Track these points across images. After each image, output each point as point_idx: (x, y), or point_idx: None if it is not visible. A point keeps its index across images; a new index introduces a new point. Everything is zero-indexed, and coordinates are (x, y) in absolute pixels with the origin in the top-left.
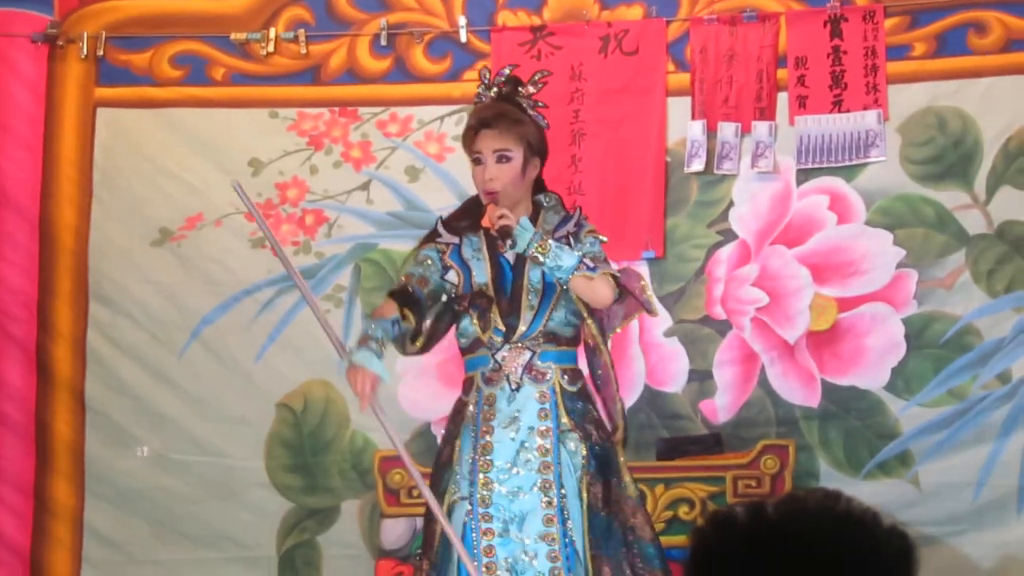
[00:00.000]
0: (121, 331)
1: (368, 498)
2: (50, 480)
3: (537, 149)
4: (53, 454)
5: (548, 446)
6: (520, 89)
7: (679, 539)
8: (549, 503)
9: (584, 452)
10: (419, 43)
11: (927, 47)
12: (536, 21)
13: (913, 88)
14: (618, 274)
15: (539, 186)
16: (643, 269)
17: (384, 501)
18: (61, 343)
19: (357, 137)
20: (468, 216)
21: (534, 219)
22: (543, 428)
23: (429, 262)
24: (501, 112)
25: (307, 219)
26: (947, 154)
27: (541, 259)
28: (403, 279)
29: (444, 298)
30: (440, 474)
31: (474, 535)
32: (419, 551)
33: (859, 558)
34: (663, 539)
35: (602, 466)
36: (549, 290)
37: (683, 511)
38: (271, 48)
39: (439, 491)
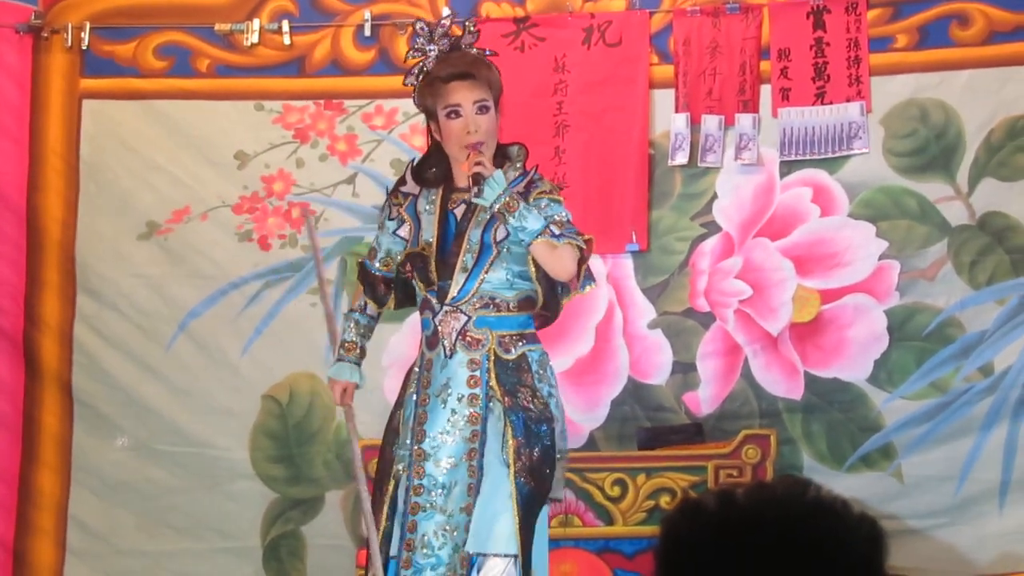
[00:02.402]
0: (108, 323)
1: (352, 489)
2: (35, 471)
3: (498, 98)
4: (39, 445)
5: (478, 413)
6: (460, 40)
7: None
8: (472, 472)
9: (507, 420)
10: (403, 34)
11: (910, 39)
12: (519, 12)
13: (896, 80)
14: (584, 245)
15: None
16: (627, 262)
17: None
18: (48, 335)
19: (343, 130)
20: (436, 165)
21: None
22: (472, 395)
23: (381, 227)
24: (475, 60)
25: (293, 212)
26: (930, 146)
27: (506, 217)
28: (372, 252)
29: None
30: (388, 439)
31: (403, 506)
32: None
33: (830, 545)
34: (645, 528)
35: (529, 437)
36: (486, 251)
37: (664, 501)
38: (255, 39)
39: (386, 458)
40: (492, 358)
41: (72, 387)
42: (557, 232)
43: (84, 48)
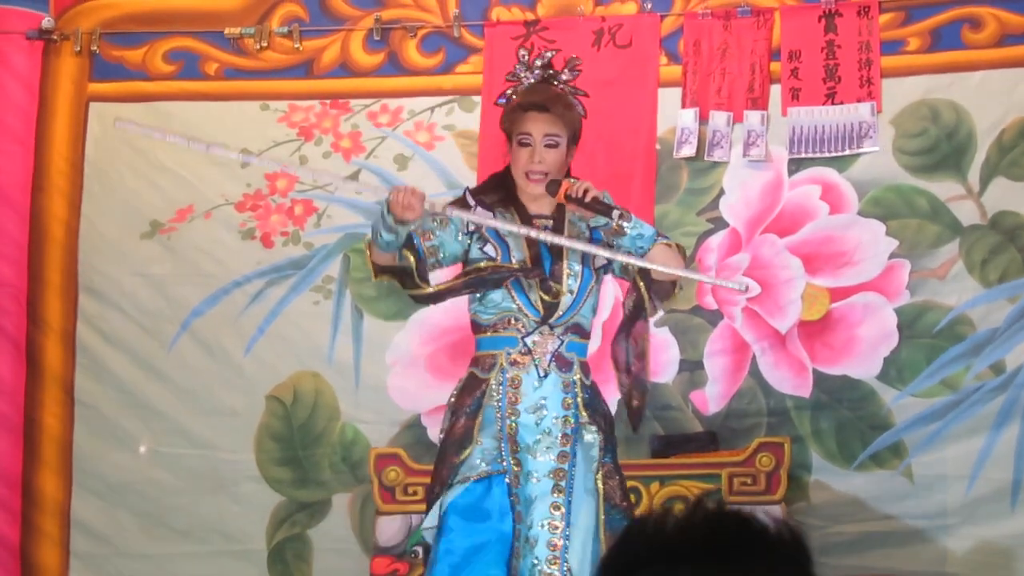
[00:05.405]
0: (111, 324)
1: (359, 492)
2: (38, 473)
3: (577, 137)
4: (41, 447)
5: (569, 435)
6: (559, 75)
7: None
8: (559, 491)
9: (600, 445)
10: (412, 38)
11: (922, 42)
12: (530, 16)
13: (907, 81)
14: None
15: None
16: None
17: (379, 498)
18: (51, 336)
19: (347, 128)
20: (498, 191)
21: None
22: (566, 417)
23: (445, 223)
24: (556, 95)
25: (296, 209)
26: (940, 145)
27: (626, 229)
28: (422, 234)
29: (465, 263)
30: (458, 444)
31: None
32: (415, 546)
33: (757, 547)
34: None
35: (614, 460)
36: (587, 278)
37: (678, 509)
38: (265, 43)
39: (450, 463)
40: (579, 382)
41: (74, 388)
42: (665, 235)
43: (93, 52)
